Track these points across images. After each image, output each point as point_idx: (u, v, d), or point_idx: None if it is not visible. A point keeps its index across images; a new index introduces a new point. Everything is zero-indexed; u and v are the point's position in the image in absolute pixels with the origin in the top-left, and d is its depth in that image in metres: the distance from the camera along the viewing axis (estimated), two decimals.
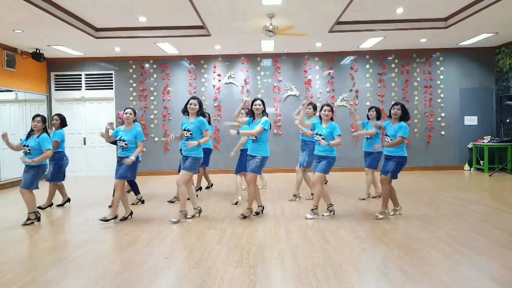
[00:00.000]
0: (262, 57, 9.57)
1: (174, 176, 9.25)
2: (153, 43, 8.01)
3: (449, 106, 9.45)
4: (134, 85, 9.61)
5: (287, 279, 3.02)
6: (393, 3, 6.19)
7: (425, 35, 7.99)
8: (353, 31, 7.44)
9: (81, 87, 9.70)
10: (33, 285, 2.99)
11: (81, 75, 9.67)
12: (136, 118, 5.40)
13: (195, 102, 4.82)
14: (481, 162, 9.03)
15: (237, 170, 5.84)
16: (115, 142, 5.14)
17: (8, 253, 3.82)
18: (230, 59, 9.58)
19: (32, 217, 4.89)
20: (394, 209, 4.96)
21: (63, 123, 5.79)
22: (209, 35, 7.51)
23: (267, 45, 8.51)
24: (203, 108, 4.97)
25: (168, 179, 8.58)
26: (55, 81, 9.71)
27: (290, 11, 6.18)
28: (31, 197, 4.87)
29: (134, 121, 5.21)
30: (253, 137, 4.79)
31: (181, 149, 5.09)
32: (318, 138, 4.79)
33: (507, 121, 8.46)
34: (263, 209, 5.13)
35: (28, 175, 4.79)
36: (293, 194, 6.04)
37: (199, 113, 4.82)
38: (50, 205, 5.89)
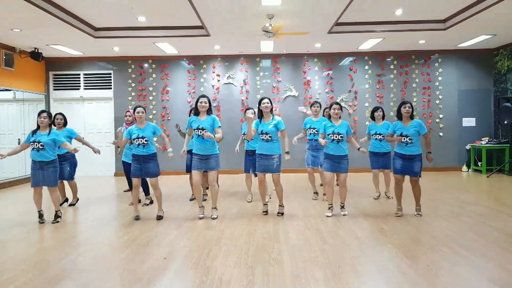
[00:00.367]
0: (261, 58, 9.57)
1: (174, 176, 9.28)
2: (152, 43, 8.00)
3: (447, 107, 9.48)
4: (133, 85, 9.60)
5: (285, 279, 3.02)
6: (392, 5, 6.21)
7: (424, 37, 8.01)
8: (352, 32, 7.46)
9: (79, 86, 9.69)
10: (31, 285, 2.99)
11: (79, 74, 9.66)
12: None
13: (205, 100, 4.84)
14: (479, 163, 9.06)
15: (250, 170, 5.94)
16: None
17: (7, 252, 3.81)
18: (229, 59, 9.59)
19: (60, 214, 5.00)
20: (398, 208, 5.03)
21: (66, 122, 5.89)
22: (208, 35, 7.51)
23: (267, 46, 8.51)
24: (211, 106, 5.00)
25: (167, 180, 8.58)
26: (54, 81, 9.69)
27: (289, 11, 6.19)
28: (58, 195, 4.99)
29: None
30: (267, 137, 4.82)
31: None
32: (336, 137, 4.84)
33: (505, 122, 8.49)
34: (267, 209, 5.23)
35: (50, 173, 4.80)
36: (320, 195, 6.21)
37: (209, 111, 4.88)
38: (66, 200, 6.10)
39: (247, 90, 9.56)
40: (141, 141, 4.85)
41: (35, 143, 4.73)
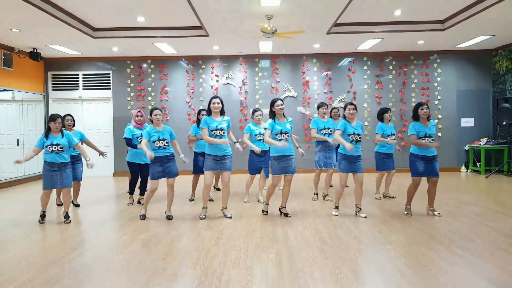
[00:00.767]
0: (260, 58, 9.58)
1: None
2: (151, 43, 8.00)
3: (446, 108, 9.50)
4: (132, 85, 9.60)
5: (284, 280, 3.02)
6: (391, 5, 6.22)
7: (422, 37, 8.02)
8: (351, 33, 7.47)
9: (78, 87, 9.68)
10: (31, 285, 2.98)
11: (78, 75, 9.65)
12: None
13: (217, 100, 4.85)
14: (478, 164, 9.07)
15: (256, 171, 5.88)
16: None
17: (7, 252, 3.81)
18: (228, 60, 9.59)
19: (69, 214, 5.02)
20: (430, 209, 5.08)
21: (75, 123, 5.91)
22: (207, 36, 7.51)
23: (265, 46, 8.52)
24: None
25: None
26: (53, 81, 9.68)
27: (288, 12, 6.20)
28: (71, 196, 5.11)
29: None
30: (286, 136, 4.80)
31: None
32: (355, 138, 4.87)
33: (504, 123, 8.50)
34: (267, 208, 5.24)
35: (68, 174, 4.85)
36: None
37: (222, 112, 4.90)
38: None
39: (246, 90, 9.56)
40: (161, 143, 4.88)
41: (53, 146, 4.73)
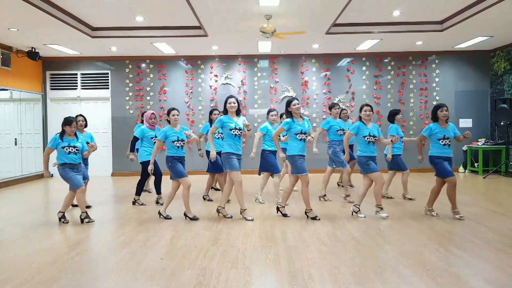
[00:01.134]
0: (259, 58, 9.58)
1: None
2: (150, 43, 7.99)
3: None
4: (130, 85, 9.58)
5: (282, 280, 3.02)
6: (390, 6, 6.23)
7: (421, 38, 8.04)
8: (350, 33, 7.48)
9: (77, 86, 9.66)
10: (28, 285, 2.97)
11: (77, 74, 9.64)
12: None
13: (234, 100, 4.84)
14: (476, 164, 9.10)
15: (273, 170, 5.82)
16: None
17: (5, 253, 3.79)
18: (227, 60, 9.59)
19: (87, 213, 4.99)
20: (429, 209, 5.06)
21: (87, 124, 5.83)
22: (206, 36, 7.51)
23: (264, 46, 8.52)
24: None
25: (164, 180, 8.54)
26: (51, 80, 9.66)
27: (287, 12, 6.20)
28: (85, 195, 5.11)
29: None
30: (305, 136, 4.79)
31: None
32: (371, 139, 4.89)
33: (502, 123, 8.53)
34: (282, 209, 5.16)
35: (81, 173, 4.92)
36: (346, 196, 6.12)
37: (238, 112, 4.89)
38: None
39: (245, 90, 9.56)
40: (180, 143, 4.89)
41: (70, 147, 4.75)
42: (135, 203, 5.95)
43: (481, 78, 9.52)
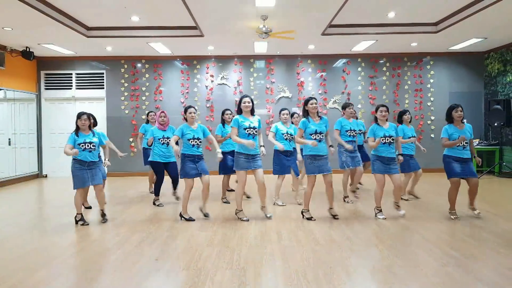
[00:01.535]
0: (255, 59, 9.58)
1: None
2: (146, 43, 7.97)
3: (438, 109, 9.56)
4: (125, 84, 9.55)
5: (277, 280, 3.02)
6: (385, 7, 6.26)
7: (416, 39, 8.08)
8: (346, 34, 7.50)
9: (71, 86, 9.60)
10: (22, 286, 2.96)
11: (71, 74, 9.58)
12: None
13: (248, 99, 4.83)
14: None
15: (283, 171, 5.76)
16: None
17: (0, 253, 3.78)
18: (223, 60, 9.58)
19: (105, 212, 5.01)
20: (452, 212, 4.98)
21: (96, 123, 5.63)
22: (202, 36, 7.50)
23: (260, 47, 8.53)
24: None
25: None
26: (45, 80, 9.60)
27: (283, 13, 6.21)
28: (104, 193, 5.09)
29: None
30: (321, 136, 4.74)
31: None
32: (387, 140, 4.90)
33: (495, 124, 8.60)
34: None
35: (98, 171, 4.88)
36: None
37: (252, 111, 4.86)
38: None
39: (241, 91, 9.56)
40: (196, 142, 4.84)
41: (86, 144, 4.72)
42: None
43: (475, 79, 9.59)
